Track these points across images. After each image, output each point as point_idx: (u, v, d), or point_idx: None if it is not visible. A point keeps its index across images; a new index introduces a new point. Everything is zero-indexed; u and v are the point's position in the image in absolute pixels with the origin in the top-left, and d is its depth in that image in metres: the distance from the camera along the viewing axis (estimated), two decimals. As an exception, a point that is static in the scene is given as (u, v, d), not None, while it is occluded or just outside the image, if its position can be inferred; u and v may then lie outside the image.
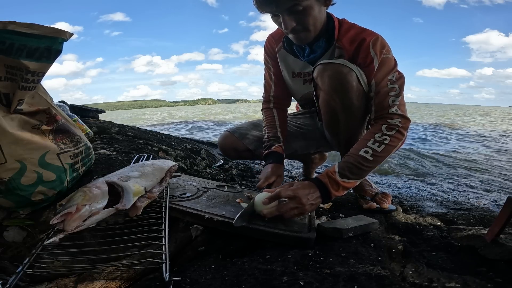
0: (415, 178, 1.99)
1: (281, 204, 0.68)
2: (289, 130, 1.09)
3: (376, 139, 0.75)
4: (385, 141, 0.75)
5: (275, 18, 0.81)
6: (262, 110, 1.10)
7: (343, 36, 0.86)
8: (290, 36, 0.84)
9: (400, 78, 0.81)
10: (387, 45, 0.82)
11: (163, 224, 0.61)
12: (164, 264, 0.48)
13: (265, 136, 1.03)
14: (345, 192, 0.75)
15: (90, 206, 0.53)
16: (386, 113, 0.79)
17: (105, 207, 0.55)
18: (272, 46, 1.03)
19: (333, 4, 0.83)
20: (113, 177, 0.64)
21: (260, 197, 0.71)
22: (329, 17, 0.86)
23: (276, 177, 0.91)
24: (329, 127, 0.93)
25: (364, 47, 0.81)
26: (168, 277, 0.46)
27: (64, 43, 0.64)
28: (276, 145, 0.99)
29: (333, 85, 0.79)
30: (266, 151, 0.99)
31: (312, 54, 0.90)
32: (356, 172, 0.74)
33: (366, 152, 0.74)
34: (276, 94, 1.08)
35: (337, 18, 0.88)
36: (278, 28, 1.02)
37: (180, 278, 0.49)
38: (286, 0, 0.73)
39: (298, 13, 0.76)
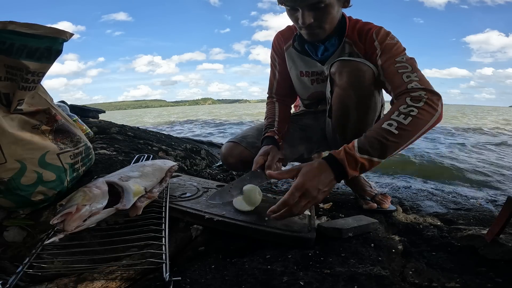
0: (415, 178, 1.99)
1: (294, 205, 0.62)
2: (293, 133, 1.08)
3: (401, 110, 0.64)
4: (411, 113, 0.63)
5: (292, 12, 0.81)
6: (266, 104, 1.11)
7: (351, 31, 0.87)
8: (303, 32, 0.85)
9: (411, 59, 0.77)
10: (391, 34, 0.83)
11: (163, 224, 0.61)
12: (164, 264, 0.48)
13: (264, 127, 1.03)
14: (362, 174, 0.64)
15: (90, 206, 0.53)
16: (405, 89, 0.70)
17: (105, 207, 0.55)
18: (280, 44, 1.03)
19: (350, 6, 0.85)
20: (113, 177, 0.64)
21: (250, 190, 0.72)
22: (342, 15, 0.88)
23: (266, 156, 0.88)
24: (339, 124, 0.90)
25: (369, 37, 0.83)
26: (168, 277, 0.46)
27: (66, 43, 0.64)
28: (270, 130, 0.98)
29: (351, 81, 0.78)
30: (261, 137, 0.99)
31: (326, 52, 0.91)
32: (378, 148, 0.62)
33: (390, 124, 0.63)
34: (277, 91, 1.10)
35: (346, 16, 0.89)
36: (287, 27, 1.02)
37: (180, 278, 0.49)
38: None
39: (319, 9, 0.77)
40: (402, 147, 0.64)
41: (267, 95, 1.13)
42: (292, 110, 1.24)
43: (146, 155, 1.04)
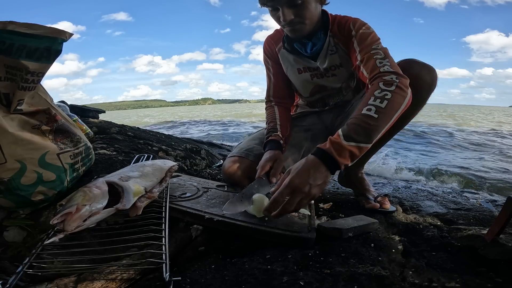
0: (415, 178, 1.99)
1: (286, 203, 0.63)
2: (297, 136, 1.08)
3: (376, 95, 0.70)
4: (386, 97, 0.69)
5: (273, 12, 0.86)
6: (265, 109, 1.11)
7: (332, 25, 0.94)
8: (286, 29, 0.89)
9: (384, 48, 0.83)
10: (367, 24, 0.90)
11: (163, 224, 0.61)
12: (164, 264, 0.48)
13: (266, 132, 1.02)
14: (354, 161, 0.66)
15: (90, 206, 0.53)
16: (378, 73, 0.76)
17: (105, 207, 0.55)
18: (271, 47, 1.05)
19: (327, 4, 0.91)
20: (113, 177, 0.64)
21: (258, 201, 0.71)
22: (324, 12, 0.94)
23: (272, 162, 0.88)
24: None
25: (347, 28, 0.90)
26: (168, 277, 0.46)
27: (66, 43, 0.64)
28: (273, 134, 0.98)
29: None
30: (264, 141, 0.98)
31: (314, 47, 0.95)
32: (362, 133, 0.66)
33: (369, 109, 0.68)
34: (274, 94, 1.10)
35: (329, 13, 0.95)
36: (275, 30, 1.05)
37: (180, 278, 0.49)
38: None
39: (297, 6, 0.82)
40: (384, 129, 0.68)
41: (265, 100, 1.12)
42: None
43: (146, 155, 1.04)
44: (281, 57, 1.03)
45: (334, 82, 1.00)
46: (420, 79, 0.80)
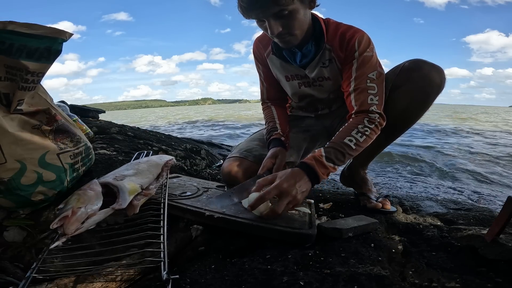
0: (415, 177, 1.99)
1: (275, 206, 0.67)
2: (296, 136, 1.07)
3: (359, 129, 0.79)
4: (366, 133, 0.79)
5: (260, 23, 0.80)
6: (263, 110, 1.11)
7: (333, 37, 0.87)
8: (276, 40, 0.84)
9: (381, 75, 0.84)
10: (371, 43, 0.86)
11: (161, 222, 0.60)
12: (162, 263, 0.48)
13: (265, 131, 1.02)
14: (327, 178, 0.78)
15: (86, 208, 0.53)
16: (366, 109, 0.82)
17: (102, 208, 0.55)
18: (260, 51, 1.02)
19: (317, 6, 0.84)
20: (108, 177, 0.64)
21: (250, 199, 0.71)
22: (314, 18, 0.87)
23: (274, 159, 0.88)
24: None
25: (351, 46, 0.85)
26: (166, 275, 0.46)
27: (66, 43, 0.64)
28: (274, 133, 0.98)
29: (421, 87, 0.84)
30: (267, 142, 0.99)
31: (304, 59, 0.91)
32: (340, 158, 0.76)
33: (350, 140, 0.78)
34: (268, 97, 1.10)
35: (322, 19, 0.88)
36: (263, 32, 1.00)
37: (178, 276, 0.48)
38: (272, 5, 0.72)
39: (284, 17, 0.75)
40: (353, 156, 0.80)
41: (261, 101, 1.12)
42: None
43: (145, 151, 1.04)
44: (270, 62, 1.00)
45: (321, 92, 0.99)
46: (430, 80, 0.82)
